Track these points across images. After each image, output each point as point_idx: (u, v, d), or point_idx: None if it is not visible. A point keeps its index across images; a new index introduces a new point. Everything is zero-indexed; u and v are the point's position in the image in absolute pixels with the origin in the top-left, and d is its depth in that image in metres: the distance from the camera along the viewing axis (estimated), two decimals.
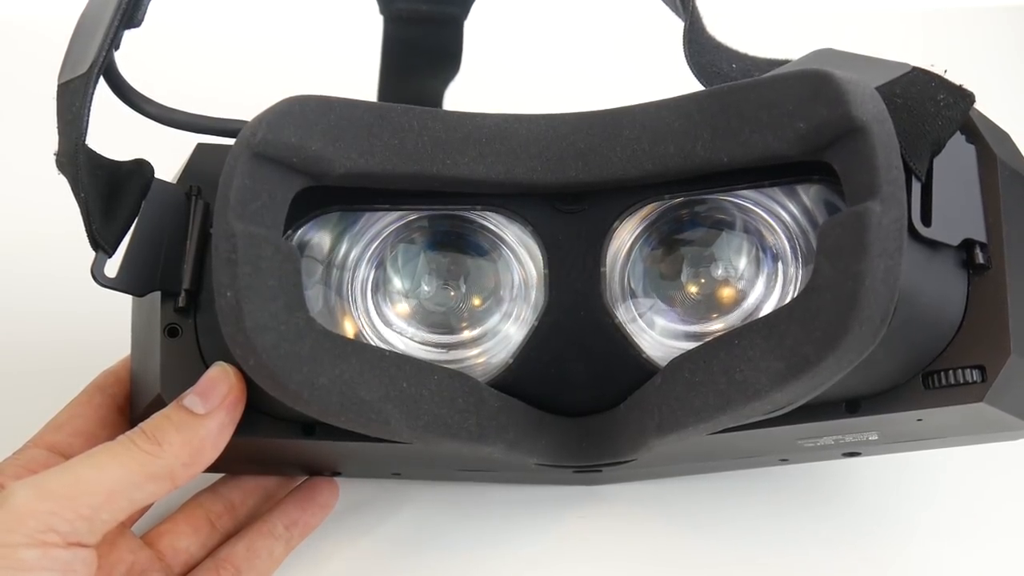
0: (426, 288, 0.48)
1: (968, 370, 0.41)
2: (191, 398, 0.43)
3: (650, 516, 0.55)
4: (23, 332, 0.60)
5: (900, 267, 0.37)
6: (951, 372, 0.42)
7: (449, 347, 0.47)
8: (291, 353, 0.40)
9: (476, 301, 0.47)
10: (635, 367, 0.46)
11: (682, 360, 0.43)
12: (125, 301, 0.47)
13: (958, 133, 0.42)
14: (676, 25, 0.49)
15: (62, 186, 0.43)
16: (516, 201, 0.45)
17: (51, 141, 0.43)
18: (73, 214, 0.43)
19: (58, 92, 0.44)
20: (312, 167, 0.43)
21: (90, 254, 0.43)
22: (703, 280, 0.46)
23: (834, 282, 0.38)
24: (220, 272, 0.40)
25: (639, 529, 0.54)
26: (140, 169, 0.45)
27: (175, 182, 0.47)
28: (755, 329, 0.41)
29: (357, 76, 0.58)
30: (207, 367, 0.44)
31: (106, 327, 0.50)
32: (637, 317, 0.46)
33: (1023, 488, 0.55)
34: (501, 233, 0.47)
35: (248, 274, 0.40)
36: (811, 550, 0.53)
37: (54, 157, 0.43)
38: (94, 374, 0.50)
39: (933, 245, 0.41)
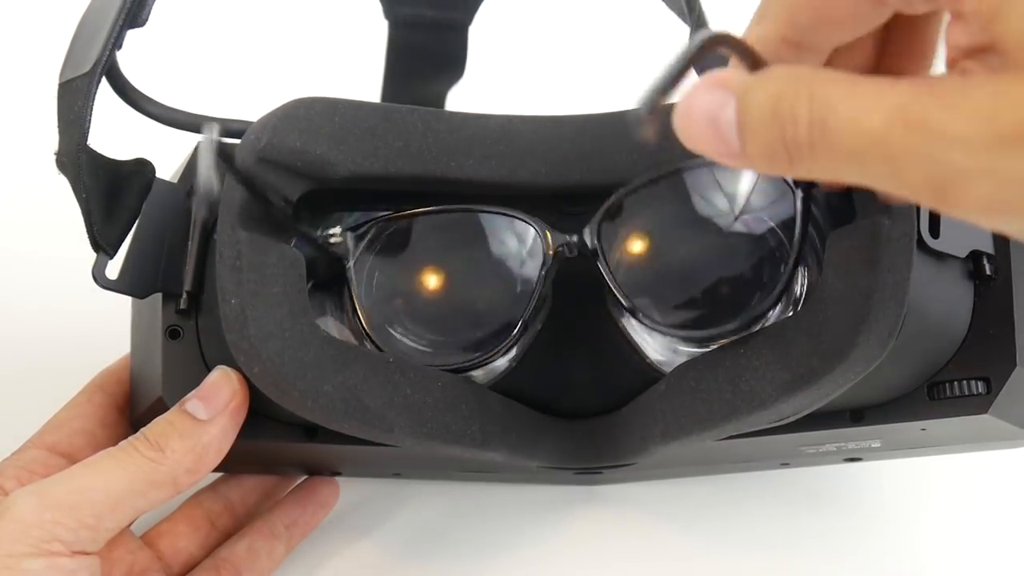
0: (429, 290, 0.47)
1: (973, 382, 0.41)
2: (193, 403, 0.42)
3: (650, 517, 0.55)
4: (23, 333, 0.60)
5: (908, 281, 0.37)
6: (956, 383, 0.42)
7: (451, 350, 0.46)
8: (295, 360, 0.40)
9: (484, 309, 0.47)
10: (638, 371, 0.46)
11: (687, 367, 0.43)
12: (125, 301, 0.46)
13: None
14: (681, 29, 0.49)
15: (62, 186, 0.43)
16: (520, 203, 0.45)
17: (51, 140, 0.43)
18: (73, 214, 0.43)
19: (59, 91, 0.43)
20: (316, 170, 0.42)
21: (90, 254, 0.43)
22: (709, 276, 0.46)
23: (842, 295, 0.38)
24: (225, 279, 0.40)
25: (638, 530, 0.55)
26: (141, 169, 0.45)
27: (176, 182, 0.46)
28: (761, 338, 0.41)
29: (360, 80, 0.58)
30: (209, 370, 0.43)
31: (106, 327, 0.49)
32: (640, 321, 0.46)
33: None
34: (504, 235, 0.47)
35: (253, 281, 0.40)
36: (811, 551, 0.53)
37: (54, 157, 0.43)
38: (94, 374, 0.49)
39: (940, 257, 0.41)
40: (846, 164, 0.26)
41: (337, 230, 0.43)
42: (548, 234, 0.44)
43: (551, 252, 0.44)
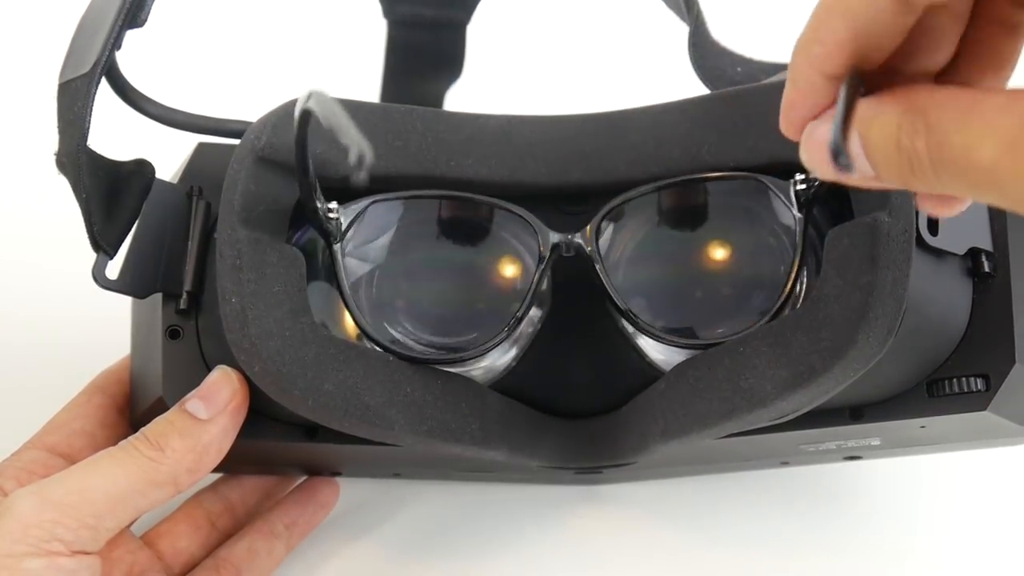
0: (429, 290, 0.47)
1: (972, 379, 0.41)
2: (194, 402, 0.42)
3: (649, 516, 0.55)
4: (23, 333, 0.60)
5: (908, 278, 0.37)
6: (955, 380, 0.42)
7: (451, 349, 0.46)
8: (296, 359, 0.40)
9: (479, 303, 0.47)
10: (638, 370, 0.46)
11: (686, 365, 0.43)
12: (125, 301, 0.47)
13: None
14: (680, 28, 0.49)
15: (62, 186, 0.43)
16: (520, 203, 0.45)
17: (51, 140, 0.43)
18: (73, 214, 0.43)
19: (59, 91, 0.43)
20: (315, 170, 0.42)
21: (90, 255, 0.43)
22: (707, 284, 0.46)
23: (842, 292, 0.38)
24: (225, 278, 0.40)
25: (638, 529, 0.55)
26: (141, 169, 0.45)
27: (175, 182, 0.46)
28: (761, 336, 0.41)
29: (359, 79, 0.58)
30: (209, 369, 0.44)
31: (107, 327, 0.50)
32: (636, 326, 0.46)
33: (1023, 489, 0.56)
34: (504, 235, 0.47)
35: (253, 280, 0.40)
36: (811, 550, 0.53)
37: (54, 157, 0.43)
38: (94, 374, 0.49)
39: (939, 254, 0.41)
40: (966, 189, 0.28)
41: (335, 204, 0.43)
42: (545, 232, 0.44)
43: (547, 250, 0.44)
